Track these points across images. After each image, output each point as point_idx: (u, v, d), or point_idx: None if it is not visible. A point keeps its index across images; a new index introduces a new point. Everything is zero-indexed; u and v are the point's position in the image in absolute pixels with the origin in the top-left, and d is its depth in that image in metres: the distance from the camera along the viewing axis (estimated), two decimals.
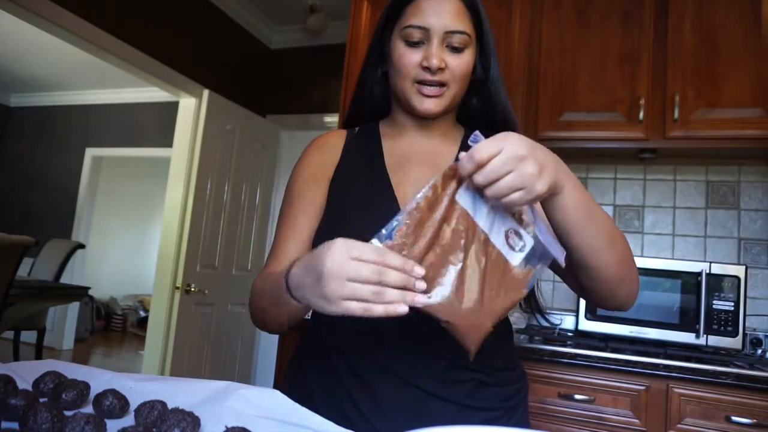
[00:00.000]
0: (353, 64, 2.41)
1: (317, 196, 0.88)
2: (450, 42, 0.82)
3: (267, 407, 0.60)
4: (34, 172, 5.94)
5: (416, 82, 0.83)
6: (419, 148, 0.89)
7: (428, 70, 0.81)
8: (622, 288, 0.76)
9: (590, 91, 2.08)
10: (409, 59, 0.83)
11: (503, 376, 0.82)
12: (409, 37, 0.83)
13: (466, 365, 0.76)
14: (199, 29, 3.27)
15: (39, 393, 0.56)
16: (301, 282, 0.61)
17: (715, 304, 1.83)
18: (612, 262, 0.73)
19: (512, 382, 0.84)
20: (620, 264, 0.74)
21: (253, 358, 3.72)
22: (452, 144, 0.91)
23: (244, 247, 3.55)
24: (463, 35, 0.82)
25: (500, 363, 0.82)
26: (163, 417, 0.50)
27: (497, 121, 0.92)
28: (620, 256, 0.74)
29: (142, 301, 7.37)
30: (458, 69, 0.83)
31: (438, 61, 0.80)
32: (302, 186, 0.89)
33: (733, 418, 1.52)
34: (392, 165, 0.87)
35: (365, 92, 0.94)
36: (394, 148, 0.90)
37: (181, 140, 3.24)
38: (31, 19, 2.46)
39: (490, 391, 0.79)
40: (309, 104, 3.71)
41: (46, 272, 4.04)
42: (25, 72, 5.45)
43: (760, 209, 2.15)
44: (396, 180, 0.85)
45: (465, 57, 0.84)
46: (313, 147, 0.94)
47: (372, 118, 0.96)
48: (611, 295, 0.77)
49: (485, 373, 0.79)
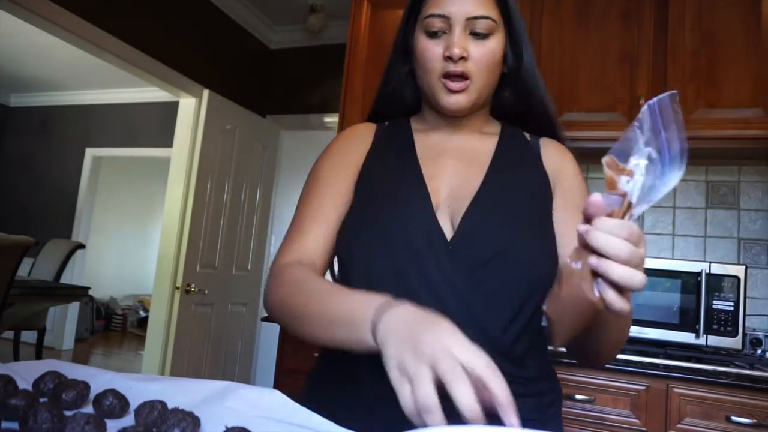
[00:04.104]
0: (353, 64, 2.41)
1: (345, 184, 0.83)
2: (473, 29, 0.77)
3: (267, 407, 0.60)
4: (34, 172, 5.94)
5: (442, 76, 0.78)
6: (453, 142, 0.85)
7: (450, 59, 0.76)
8: (605, 359, 0.78)
9: (590, 91, 2.08)
10: (431, 52, 0.78)
11: (537, 385, 0.76)
12: (430, 27, 0.79)
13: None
14: (199, 29, 3.27)
15: (39, 393, 0.56)
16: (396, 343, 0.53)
17: (715, 304, 1.83)
18: (612, 350, 0.74)
19: (547, 393, 0.78)
20: (617, 347, 0.75)
21: (253, 358, 3.72)
22: (489, 139, 0.85)
23: (244, 247, 3.55)
24: (487, 20, 0.77)
25: (534, 372, 0.76)
26: (163, 417, 0.50)
27: (535, 116, 0.87)
28: (621, 343, 0.74)
29: (142, 301, 7.37)
30: (483, 58, 0.77)
31: (460, 50, 0.75)
32: (330, 172, 0.84)
33: (733, 418, 1.52)
34: (424, 158, 0.82)
35: (389, 92, 0.90)
36: (426, 141, 0.85)
37: (181, 140, 3.24)
38: (31, 20, 2.46)
39: (524, 402, 0.71)
40: (309, 104, 3.71)
41: (46, 272, 4.04)
42: (25, 72, 5.45)
43: (760, 209, 2.15)
44: (428, 173, 0.80)
45: (490, 44, 0.78)
46: (342, 136, 0.90)
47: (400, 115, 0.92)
48: (592, 359, 0.79)
49: (517, 382, 0.70)
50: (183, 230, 3.13)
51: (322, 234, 0.79)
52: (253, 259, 3.63)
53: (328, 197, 0.81)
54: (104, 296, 7.15)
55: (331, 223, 0.80)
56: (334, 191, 0.82)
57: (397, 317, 0.56)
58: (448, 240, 0.73)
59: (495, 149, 0.83)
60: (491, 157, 0.82)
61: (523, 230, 0.75)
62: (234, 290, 3.46)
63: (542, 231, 0.77)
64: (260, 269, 3.73)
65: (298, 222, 0.81)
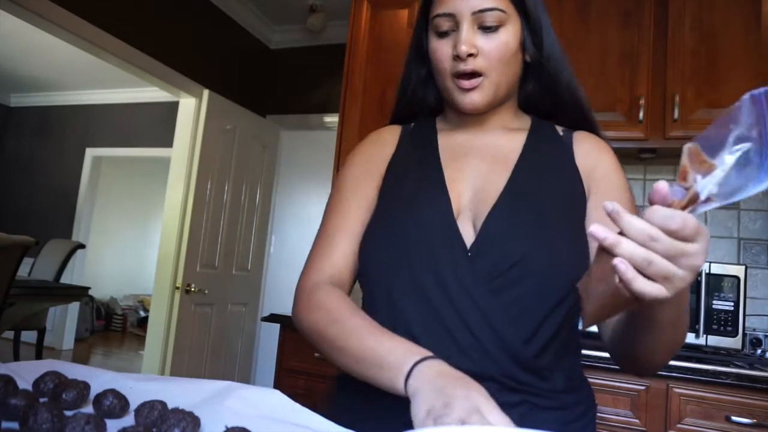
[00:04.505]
0: (353, 64, 2.41)
1: (369, 192, 0.81)
2: (482, 22, 0.74)
3: (267, 407, 0.60)
4: (34, 172, 5.94)
5: (454, 76, 0.76)
6: (478, 141, 0.81)
7: (459, 58, 0.74)
8: (653, 365, 0.69)
9: (590, 90, 2.06)
10: (441, 52, 0.76)
11: (563, 398, 0.70)
12: (438, 27, 0.76)
13: (518, 387, 0.67)
14: (199, 29, 3.27)
15: (39, 393, 0.56)
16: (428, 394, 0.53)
17: (715, 304, 1.83)
18: (664, 353, 0.66)
19: (573, 406, 0.72)
20: (670, 349, 0.66)
21: (253, 358, 3.72)
22: (516, 135, 0.81)
23: (244, 247, 3.55)
24: (495, 12, 0.73)
25: (560, 385, 0.70)
26: (163, 417, 0.50)
27: (565, 107, 0.83)
28: (675, 344, 0.65)
29: (142, 301, 7.37)
30: (493, 51, 0.74)
31: (467, 47, 0.73)
32: (354, 180, 0.83)
33: (733, 418, 1.52)
34: (447, 159, 0.79)
35: (409, 95, 0.88)
36: (451, 141, 0.82)
37: (181, 140, 3.24)
38: (31, 20, 2.46)
39: (546, 415, 0.68)
40: (309, 104, 3.71)
41: (46, 272, 4.04)
42: (25, 72, 5.45)
43: (760, 209, 2.15)
44: (450, 175, 0.77)
45: (501, 37, 0.74)
46: (367, 141, 0.89)
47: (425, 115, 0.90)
48: (641, 363, 0.70)
49: (541, 395, 0.68)
50: (183, 230, 3.13)
51: (349, 248, 0.78)
52: (253, 259, 3.63)
53: (354, 207, 0.80)
54: (104, 296, 7.15)
55: (356, 235, 0.79)
56: (359, 200, 0.80)
57: (431, 371, 0.56)
58: (467, 247, 0.70)
59: (522, 147, 0.79)
60: (518, 156, 0.78)
61: (549, 235, 0.70)
62: (234, 290, 3.46)
63: (571, 236, 0.72)
64: (260, 269, 3.73)
65: (324, 234, 0.80)
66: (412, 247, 0.71)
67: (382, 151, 0.85)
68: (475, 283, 0.67)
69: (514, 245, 0.68)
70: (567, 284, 0.68)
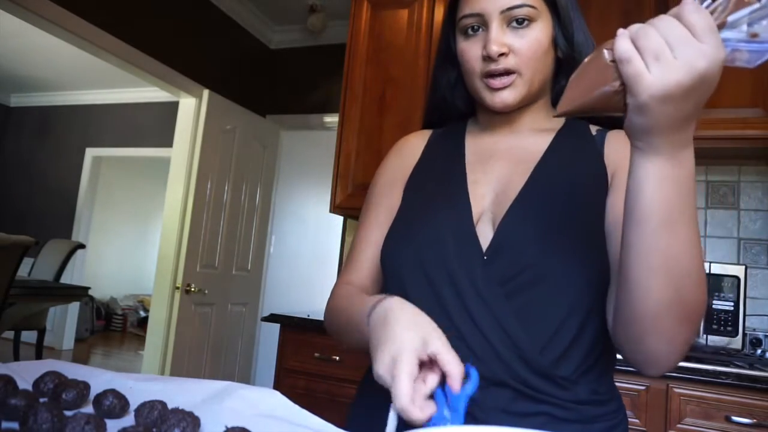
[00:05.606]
0: (353, 64, 2.41)
1: (394, 202, 0.81)
2: (512, 19, 0.72)
3: (267, 407, 0.60)
4: (34, 172, 5.94)
5: (484, 76, 0.74)
6: (505, 143, 0.79)
7: (490, 59, 0.72)
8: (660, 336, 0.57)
9: None
10: (469, 53, 0.74)
11: (586, 410, 0.66)
12: (466, 29, 0.75)
13: (536, 396, 0.64)
14: (199, 29, 3.27)
15: (39, 393, 0.56)
16: (374, 334, 0.61)
17: (715, 304, 1.83)
18: (664, 297, 0.54)
19: (599, 419, 0.67)
20: (676, 305, 0.54)
21: (253, 358, 3.72)
22: (545, 136, 0.78)
23: (244, 247, 3.55)
24: (525, 8, 0.71)
25: (584, 396, 0.66)
26: (163, 417, 0.50)
27: None
28: (681, 292, 0.54)
29: (142, 301, 7.37)
30: (526, 49, 0.72)
31: (498, 47, 0.70)
32: (379, 193, 0.85)
33: (733, 418, 1.52)
34: (473, 162, 0.78)
35: (438, 99, 0.87)
36: (478, 145, 0.81)
37: (181, 140, 3.24)
38: (31, 20, 2.46)
39: (565, 427, 0.65)
40: (309, 104, 3.71)
41: (46, 272, 4.04)
42: (25, 72, 5.45)
43: (760, 209, 2.15)
44: (473, 178, 0.76)
45: (533, 33, 0.72)
46: (394, 150, 0.89)
47: (458, 119, 0.89)
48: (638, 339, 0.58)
49: (560, 406, 0.65)
50: (183, 230, 3.13)
51: (372, 259, 0.81)
52: (253, 259, 3.63)
53: (375, 222, 0.82)
54: (104, 296, 7.15)
55: (380, 246, 0.80)
56: (384, 211, 0.82)
57: (381, 310, 0.61)
58: (483, 249, 0.68)
59: (547, 147, 0.76)
60: (540, 156, 0.75)
61: (566, 238, 0.67)
62: (234, 290, 3.46)
63: (591, 238, 0.68)
64: (260, 269, 3.73)
65: (353, 250, 0.84)
66: (426, 248, 0.71)
67: (408, 158, 0.86)
68: (488, 286, 0.66)
69: (526, 248, 0.66)
70: (582, 290, 0.65)
